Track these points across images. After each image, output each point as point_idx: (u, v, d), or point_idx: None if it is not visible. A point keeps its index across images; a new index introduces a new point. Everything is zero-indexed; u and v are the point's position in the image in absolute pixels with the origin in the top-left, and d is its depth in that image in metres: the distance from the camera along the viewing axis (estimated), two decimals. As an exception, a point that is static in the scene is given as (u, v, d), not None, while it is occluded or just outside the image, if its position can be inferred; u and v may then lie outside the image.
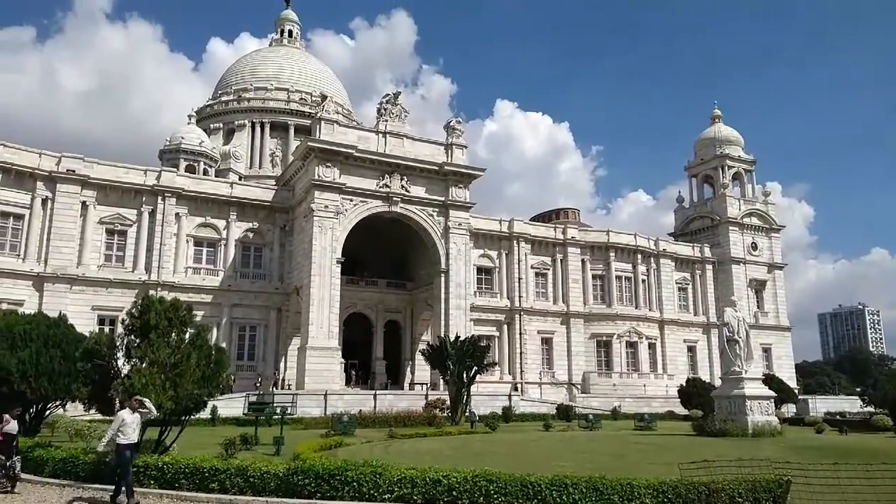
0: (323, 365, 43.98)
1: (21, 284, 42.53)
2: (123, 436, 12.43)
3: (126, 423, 12.56)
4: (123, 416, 12.70)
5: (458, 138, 52.96)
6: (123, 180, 47.35)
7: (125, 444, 12.41)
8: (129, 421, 12.62)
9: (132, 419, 12.75)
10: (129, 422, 12.61)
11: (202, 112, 73.12)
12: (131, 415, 12.80)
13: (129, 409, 12.88)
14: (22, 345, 19.97)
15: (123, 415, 12.73)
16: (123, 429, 12.48)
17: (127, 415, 12.74)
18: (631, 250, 64.32)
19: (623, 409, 49.20)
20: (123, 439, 12.41)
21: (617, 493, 11.09)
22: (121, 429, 12.47)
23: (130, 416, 12.75)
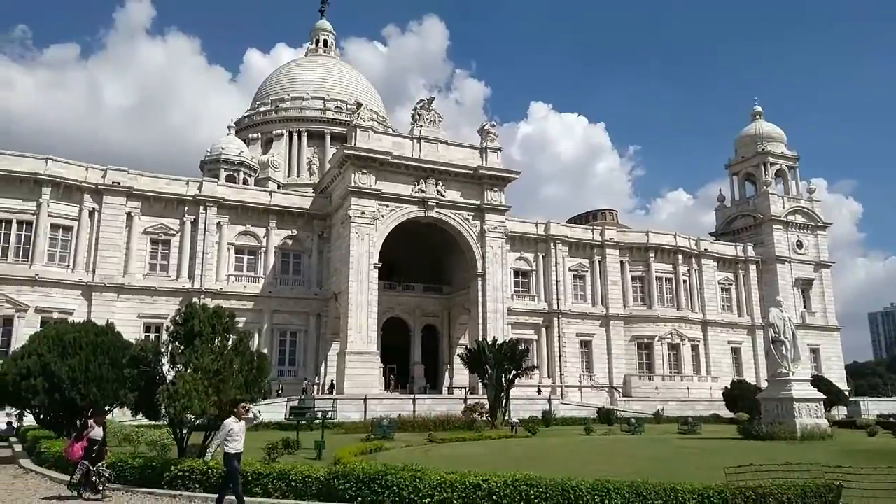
0: (362, 370, 44.29)
1: (71, 294, 43.91)
2: (230, 445, 11.98)
3: (233, 431, 12.10)
4: (230, 424, 12.23)
5: (492, 141, 52.88)
6: (166, 191, 48.55)
7: (233, 454, 11.97)
8: (235, 429, 12.15)
9: (239, 427, 12.26)
10: (235, 430, 12.14)
11: (241, 123, 74.57)
12: (237, 423, 12.33)
13: (235, 417, 12.48)
14: (72, 352, 20.57)
15: (230, 423, 12.26)
16: (230, 437, 12.03)
17: (233, 423, 12.27)
18: (671, 251, 63.26)
19: (666, 412, 48.35)
20: (231, 448, 11.96)
21: (660, 497, 10.88)
22: (227, 438, 12.03)
23: (237, 425, 12.27)
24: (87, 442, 13.96)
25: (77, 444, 14.05)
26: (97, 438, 14.14)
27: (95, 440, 14.08)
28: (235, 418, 12.41)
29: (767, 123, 77.55)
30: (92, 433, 14.12)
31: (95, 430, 14.23)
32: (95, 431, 14.21)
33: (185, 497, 13.28)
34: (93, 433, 14.13)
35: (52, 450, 18.00)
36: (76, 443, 14.13)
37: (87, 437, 14.04)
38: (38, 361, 20.43)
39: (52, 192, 43.77)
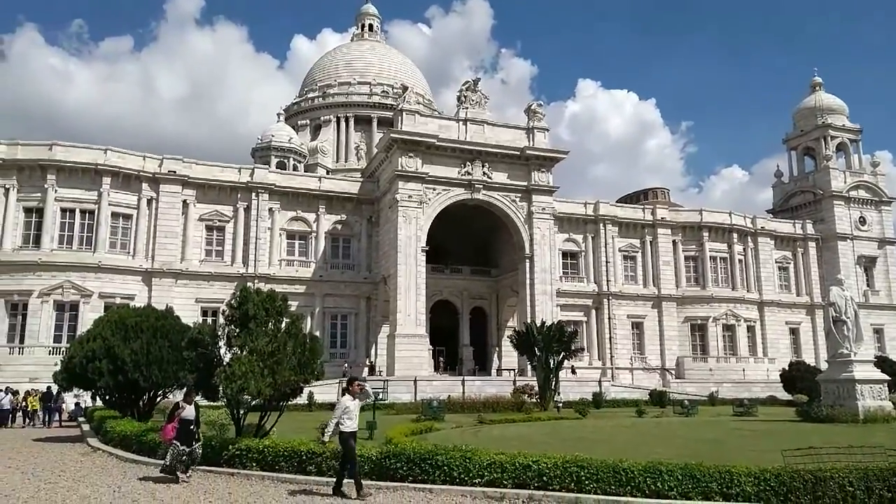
0: (412, 352, 44.76)
1: (132, 280, 45.60)
2: (347, 423, 11.72)
3: (349, 409, 11.81)
4: (346, 402, 11.94)
5: (539, 121, 52.26)
6: (220, 178, 49.75)
7: (349, 432, 11.73)
8: (351, 407, 11.86)
9: (354, 405, 11.95)
10: (351, 408, 11.85)
11: (290, 110, 75.66)
12: (353, 401, 12.00)
13: (350, 395, 12.14)
14: (134, 336, 21.42)
15: (346, 401, 11.97)
16: (346, 416, 11.74)
17: (349, 401, 11.97)
18: (726, 229, 61.56)
19: (721, 394, 47.35)
20: (347, 427, 11.71)
21: (715, 480, 10.67)
22: (344, 416, 11.74)
23: (352, 403, 11.96)
24: (178, 423, 13.81)
25: (169, 425, 13.95)
26: (189, 418, 13.95)
27: (187, 420, 13.91)
28: (351, 396, 12.10)
29: (828, 95, 74.36)
30: (183, 413, 13.93)
31: (187, 410, 14.02)
32: (187, 411, 14.00)
33: (242, 475, 13.71)
34: (184, 413, 13.93)
35: (116, 429, 18.81)
36: (169, 423, 14.04)
37: (178, 417, 13.87)
38: (102, 345, 21.35)
39: (111, 181, 45.34)
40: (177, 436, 13.63)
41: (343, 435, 11.71)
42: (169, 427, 13.91)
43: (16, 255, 43.00)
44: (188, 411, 14.01)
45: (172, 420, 13.96)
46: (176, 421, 13.85)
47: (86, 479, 13.74)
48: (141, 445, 16.75)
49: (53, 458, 17.38)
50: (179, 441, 13.56)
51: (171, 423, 13.96)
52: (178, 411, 13.98)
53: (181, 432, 13.71)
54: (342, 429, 11.69)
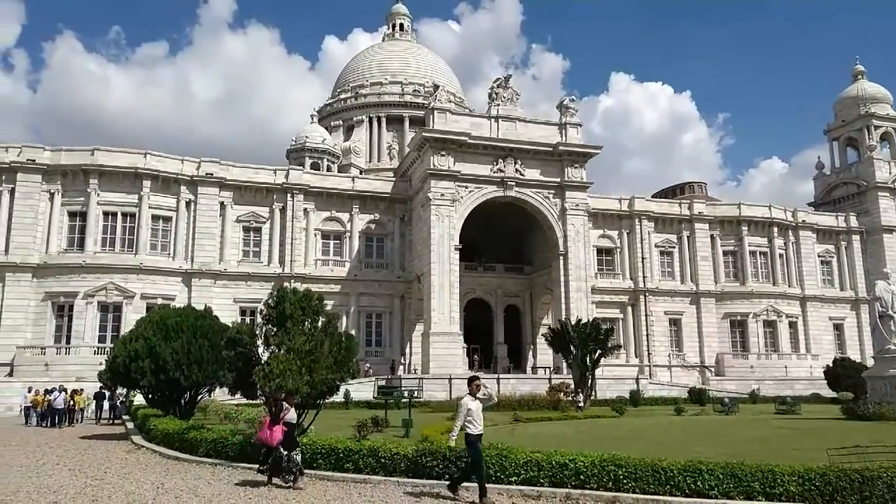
0: (446, 350, 44.83)
1: (172, 281, 46.59)
2: (473, 426, 11.08)
3: (472, 411, 11.17)
4: (468, 404, 11.26)
5: (571, 117, 51.81)
6: (256, 180, 50.51)
7: (476, 435, 11.09)
8: (474, 409, 11.21)
9: (476, 406, 11.28)
10: (474, 410, 11.20)
11: (323, 111, 76.44)
12: (474, 401, 11.34)
13: (471, 396, 11.41)
14: (174, 336, 21.88)
15: (468, 403, 11.28)
16: (471, 418, 11.10)
17: (471, 402, 11.29)
18: (766, 223, 60.22)
19: (762, 392, 46.44)
20: (473, 429, 11.08)
21: (757, 479, 10.44)
22: (468, 418, 11.11)
23: (474, 404, 11.29)
24: (284, 426, 12.92)
25: (276, 428, 12.86)
26: (293, 422, 13.26)
27: (291, 423, 13.18)
28: (472, 397, 11.35)
29: (871, 84, 72.15)
30: (287, 416, 13.10)
31: (291, 413, 13.23)
32: (291, 414, 13.22)
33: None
34: (288, 416, 13.12)
35: (159, 427, 19.23)
36: (274, 426, 12.93)
37: (283, 419, 12.98)
38: (144, 345, 21.87)
39: (151, 184, 46.39)
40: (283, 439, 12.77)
41: (469, 438, 11.12)
42: (277, 430, 12.88)
43: (61, 257, 44.31)
44: (291, 414, 13.27)
45: (278, 422, 12.99)
46: (281, 423, 12.98)
47: (130, 476, 14.08)
48: (183, 443, 17.09)
49: (99, 456, 17.86)
50: (283, 446, 12.72)
51: (276, 424, 12.97)
52: (283, 413, 13.10)
53: (287, 436, 12.89)
54: (468, 431, 11.08)
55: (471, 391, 11.44)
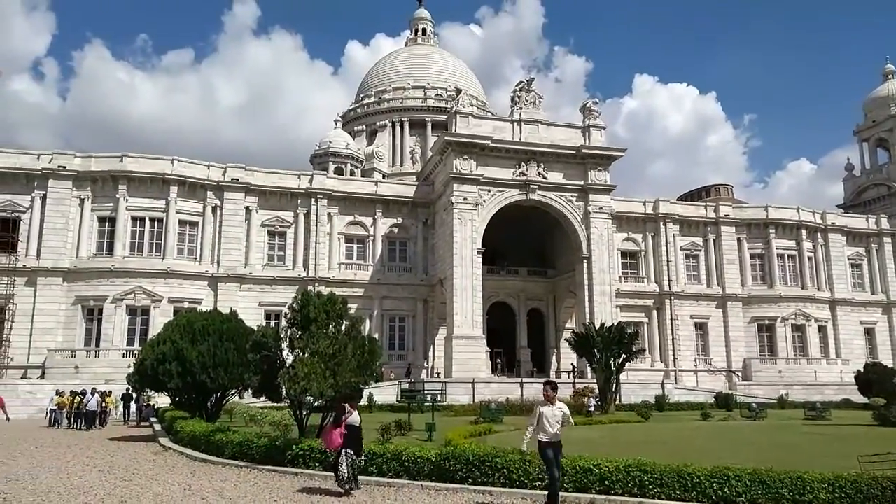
0: (469, 354, 44.79)
1: (199, 284, 47.19)
2: (543, 432, 10.59)
3: (545, 416, 10.64)
4: (541, 409, 10.75)
5: (595, 119, 51.54)
6: (280, 185, 51.00)
7: (545, 442, 10.57)
8: (547, 414, 10.64)
9: (552, 412, 10.67)
10: (547, 415, 10.63)
11: (346, 116, 77.04)
12: (550, 408, 10.72)
13: (547, 401, 10.81)
14: (201, 339, 22.18)
15: (541, 408, 10.75)
16: (542, 424, 10.62)
17: (545, 408, 10.72)
18: (794, 226, 59.22)
19: (790, 397, 45.60)
20: (544, 436, 10.58)
21: (786, 486, 10.28)
22: (539, 424, 10.66)
23: (549, 409, 10.69)
24: (345, 429, 12.51)
25: (336, 431, 12.53)
26: (355, 425, 12.66)
27: (354, 426, 12.64)
28: (547, 402, 10.78)
29: (903, 83, 70.67)
30: (350, 419, 12.61)
31: (353, 416, 12.70)
32: (353, 417, 12.68)
33: (305, 475, 13.99)
34: (350, 419, 12.62)
35: (186, 429, 19.48)
36: (335, 429, 12.61)
37: (345, 422, 12.55)
38: (171, 348, 22.19)
39: (178, 190, 47.06)
40: (346, 443, 12.37)
41: (540, 445, 10.67)
42: (336, 433, 12.51)
43: (91, 262, 45.14)
44: (354, 417, 12.74)
45: (339, 425, 12.58)
46: (343, 427, 12.53)
47: (158, 478, 14.29)
48: (209, 445, 17.29)
49: (128, 457, 18.14)
50: (350, 448, 12.39)
51: (337, 428, 12.58)
52: (346, 416, 12.65)
53: (350, 439, 12.44)
54: (539, 438, 10.64)
55: (547, 396, 10.82)
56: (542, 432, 10.62)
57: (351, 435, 12.43)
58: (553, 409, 10.71)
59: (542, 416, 10.66)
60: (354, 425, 12.60)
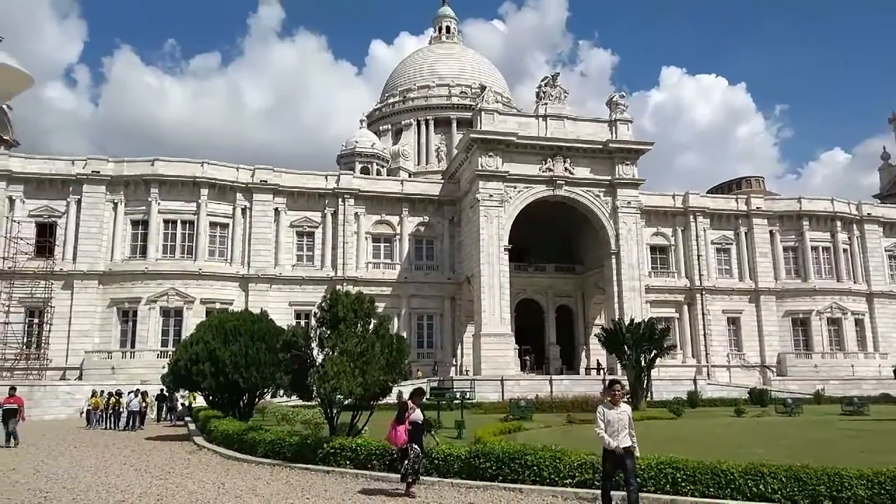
0: (497, 351, 44.72)
1: (230, 285, 47.87)
2: (608, 437, 9.34)
3: (609, 420, 9.35)
4: (604, 411, 9.46)
5: (621, 113, 51.03)
6: (308, 186, 51.46)
7: (610, 449, 9.34)
8: (612, 418, 9.34)
9: (614, 415, 9.38)
10: (612, 419, 9.34)
11: (372, 115, 77.45)
12: (615, 410, 9.44)
13: (611, 401, 9.57)
14: (233, 339, 22.49)
15: (604, 410, 9.48)
16: (607, 428, 9.36)
17: (608, 409, 9.46)
18: (828, 217, 57.95)
19: (827, 392, 44.70)
20: (610, 443, 9.31)
21: (823, 483, 10.05)
22: (608, 429, 9.36)
23: (614, 412, 9.40)
24: (409, 425, 12.03)
25: (400, 427, 11.98)
26: (418, 421, 12.26)
27: (417, 423, 12.22)
28: (611, 402, 9.55)
29: (941, 68, 68.67)
30: (413, 415, 12.13)
31: (416, 413, 12.22)
32: (416, 413, 12.22)
33: (336, 472, 14.11)
34: (414, 415, 12.15)
35: (220, 428, 19.78)
36: (398, 425, 12.04)
37: (408, 419, 12.06)
38: (204, 348, 22.54)
39: (208, 192, 47.77)
40: (410, 439, 11.96)
41: (605, 451, 9.48)
42: (401, 429, 11.98)
43: (125, 264, 46.08)
44: (417, 413, 12.29)
45: (402, 422, 12.05)
46: (407, 423, 12.04)
47: (193, 476, 14.54)
48: (242, 444, 17.54)
49: (163, 456, 18.49)
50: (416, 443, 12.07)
51: (400, 424, 12.05)
52: (408, 412, 12.15)
53: (414, 435, 12.04)
54: (603, 445, 9.46)
55: (611, 396, 9.64)
56: (610, 439, 9.34)
57: (415, 431, 12.11)
58: (619, 411, 9.44)
59: (606, 419, 9.37)
60: (418, 422, 12.26)
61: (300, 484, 13.24)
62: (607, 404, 9.55)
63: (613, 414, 9.40)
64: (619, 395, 9.54)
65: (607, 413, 9.42)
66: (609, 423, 9.33)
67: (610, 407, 9.49)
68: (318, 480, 13.57)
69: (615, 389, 9.65)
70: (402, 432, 11.91)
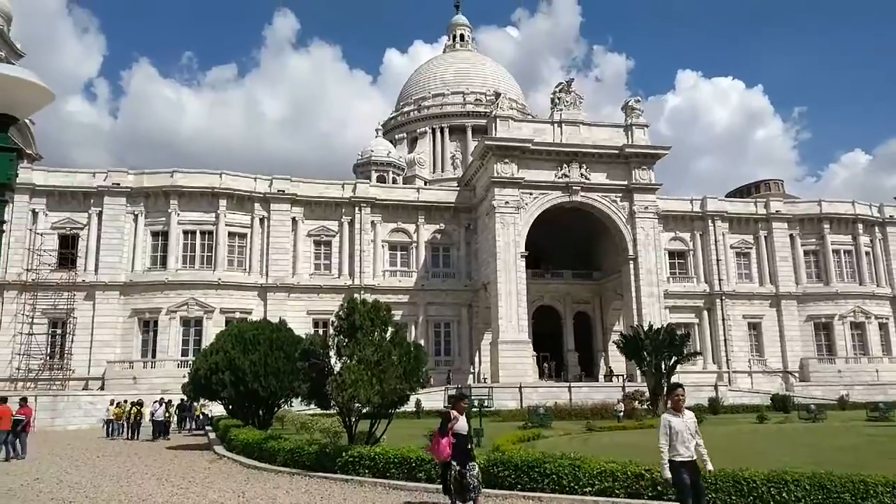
0: (515, 358, 44.56)
1: (249, 295, 48.23)
2: (675, 449, 8.34)
3: (675, 430, 8.35)
4: (669, 419, 8.46)
5: (637, 118, 50.84)
6: (325, 195, 51.79)
7: (679, 462, 8.31)
8: (678, 427, 8.36)
9: (680, 423, 8.40)
10: (678, 428, 8.35)
11: (387, 124, 77.88)
12: (680, 418, 8.46)
13: (674, 408, 8.57)
14: (252, 348, 22.61)
15: (669, 418, 8.47)
16: (673, 439, 8.35)
17: (673, 418, 8.45)
18: (849, 220, 57.19)
19: (851, 397, 44.05)
20: (675, 454, 8.33)
21: (848, 491, 9.89)
22: (673, 440, 8.36)
23: (679, 420, 8.43)
24: (452, 437, 10.98)
25: (444, 440, 10.97)
26: (463, 432, 11.13)
27: (461, 434, 11.09)
28: (674, 411, 8.56)
29: (964, 67, 67.60)
30: (457, 425, 11.06)
31: (460, 422, 11.13)
32: (460, 423, 11.12)
33: (355, 481, 14.12)
34: (458, 425, 11.08)
35: (239, 437, 19.89)
36: (442, 437, 11.02)
37: (451, 430, 10.99)
38: (224, 357, 22.70)
39: (227, 203, 48.24)
40: (453, 453, 10.91)
41: (674, 464, 8.36)
42: (444, 442, 10.96)
43: (145, 275, 46.62)
44: (461, 423, 11.18)
45: (446, 433, 11.00)
46: (450, 434, 11.03)
47: (213, 485, 14.63)
48: (262, 453, 17.63)
49: (184, 465, 18.63)
50: (455, 460, 10.88)
51: (444, 436, 11.01)
52: (452, 423, 11.07)
53: (457, 449, 10.94)
54: (671, 457, 8.38)
55: (672, 402, 8.67)
56: (675, 449, 8.36)
57: (458, 444, 10.94)
58: (684, 419, 8.48)
59: (672, 429, 8.38)
60: (462, 433, 11.11)
61: (319, 492, 13.26)
62: (670, 412, 8.58)
63: (679, 422, 8.42)
64: (682, 401, 8.64)
65: (672, 422, 8.40)
66: (677, 433, 8.35)
67: (673, 414, 8.50)
68: (337, 489, 13.59)
69: (677, 394, 8.65)
70: (446, 445, 10.95)
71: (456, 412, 11.24)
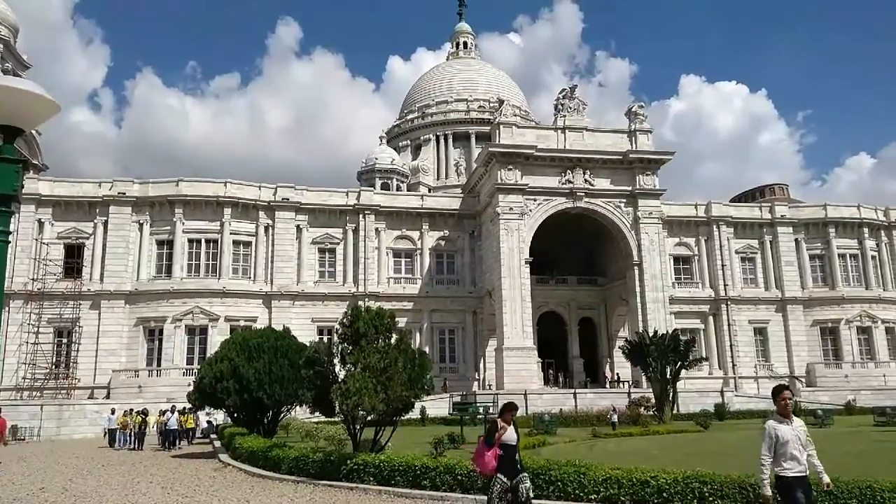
0: (520, 365, 44.46)
1: (253, 303, 48.30)
2: (787, 462, 7.24)
3: (783, 440, 7.23)
4: (775, 427, 7.34)
5: (641, 123, 50.81)
6: (329, 203, 51.89)
7: (791, 477, 7.21)
8: (787, 437, 7.25)
9: (791, 432, 7.31)
10: (788, 438, 7.24)
11: (391, 132, 78.03)
12: (790, 426, 7.35)
13: (781, 413, 7.42)
14: (256, 356, 22.67)
15: (775, 425, 7.35)
16: (781, 450, 7.24)
17: (780, 425, 7.35)
18: (855, 224, 56.97)
19: (858, 402, 43.76)
20: (783, 469, 7.25)
21: (854, 496, 9.84)
22: (777, 450, 7.27)
23: (787, 428, 7.32)
24: (500, 449, 9.88)
25: (489, 453, 9.84)
26: (511, 443, 9.96)
27: (509, 445, 9.92)
28: (781, 417, 7.40)
29: (968, 70, 67.46)
30: (505, 436, 9.90)
31: (508, 432, 9.95)
32: (508, 434, 9.94)
33: (360, 489, 14.11)
34: (506, 436, 9.91)
35: (244, 445, 19.89)
36: (488, 450, 9.87)
37: (499, 440, 9.84)
38: (229, 365, 22.75)
39: (231, 211, 48.38)
40: (499, 466, 9.82)
41: (784, 481, 7.22)
42: (489, 455, 9.85)
43: (151, 284, 46.73)
44: (510, 434, 10.00)
45: (493, 445, 9.87)
46: (497, 446, 9.89)
47: (218, 494, 14.62)
48: (266, 461, 17.63)
49: (189, 474, 18.63)
50: (503, 473, 9.79)
51: (489, 448, 9.88)
52: (499, 432, 9.93)
53: (505, 461, 9.85)
54: (779, 472, 7.26)
55: (779, 409, 7.44)
56: (784, 463, 7.20)
57: (507, 456, 9.86)
58: (794, 426, 7.34)
59: (780, 439, 7.23)
60: (510, 444, 9.95)
61: (324, 501, 13.26)
62: (776, 417, 7.39)
63: (787, 431, 7.26)
64: (790, 406, 7.43)
65: (780, 430, 7.26)
66: (783, 442, 7.20)
67: (780, 421, 7.33)
68: (342, 497, 13.58)
69: (785, 397, 7.38)
70: (493, 458, 9.84)
71: (503, 422, 10.10)
